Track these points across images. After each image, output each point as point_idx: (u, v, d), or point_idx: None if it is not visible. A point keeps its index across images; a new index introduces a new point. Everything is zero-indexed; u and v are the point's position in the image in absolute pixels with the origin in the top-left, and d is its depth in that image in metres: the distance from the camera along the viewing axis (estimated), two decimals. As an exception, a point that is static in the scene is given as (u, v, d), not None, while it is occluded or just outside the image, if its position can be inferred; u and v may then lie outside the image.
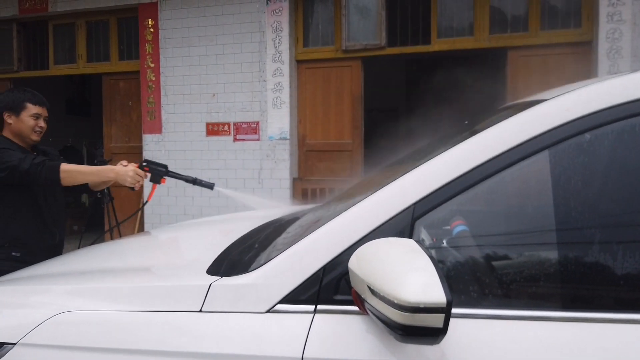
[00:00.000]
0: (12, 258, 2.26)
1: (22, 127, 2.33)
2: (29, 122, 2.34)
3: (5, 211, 2.26)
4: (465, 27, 4.84)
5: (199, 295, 1.25)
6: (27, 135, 2.36)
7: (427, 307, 0.89)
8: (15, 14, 5.84)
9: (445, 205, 1.19)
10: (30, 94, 2.43)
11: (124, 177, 2.22)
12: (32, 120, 2.35)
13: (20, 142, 2.36)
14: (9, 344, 1.31)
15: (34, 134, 2.37)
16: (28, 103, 2.36)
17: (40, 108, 2.40)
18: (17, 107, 2.34)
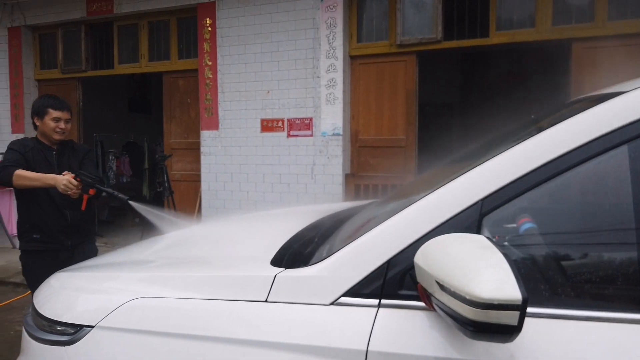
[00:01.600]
0: (33, 239, 2.72)
1: (46, 129, 2.75)
2: (50, 124, 2.74)
3: (24, 201, 2.74)
4: (526, 19, 4.65)
5: (264, 285, 1.28)
6: (50, 135, 2.76)
7: (501, 304, 0.87)
8: (83, 15, 6.17)
9: (515, 202, 1.16)
10: (53, 100, 2.81)
11: (59, 184, 2.48)
12: (52, 122, 2.74)
13: (46, 140, 2.80)
14: (88, 327, 1.40)
15: (56, 134, 2.76)
16: (50, 108, 2.75)
17: (61, 112, 2.77)
18: (42, 112, 2.75)
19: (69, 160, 2.84)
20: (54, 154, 2.79)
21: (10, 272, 5.54)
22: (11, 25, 6.53)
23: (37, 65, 6.75)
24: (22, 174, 2.53)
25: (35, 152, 2.72)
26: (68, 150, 2.87)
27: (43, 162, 2.72)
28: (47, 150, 2.77)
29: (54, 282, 1.69)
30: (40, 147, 2.76)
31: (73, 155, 2.89)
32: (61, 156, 2.81)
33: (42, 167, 2.69)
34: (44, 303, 1.59)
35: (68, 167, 2.77)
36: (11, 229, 6.68)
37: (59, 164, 2.77)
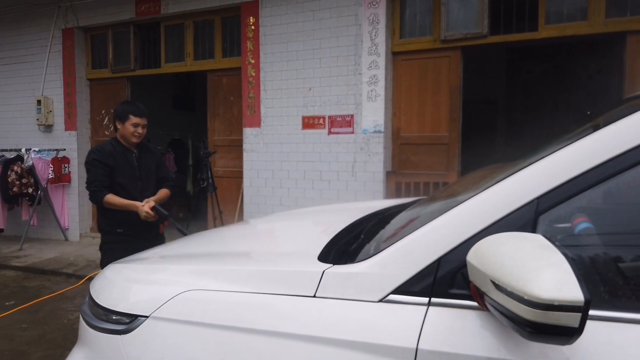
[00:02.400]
0: (117, 234, 3.04)
1: (126, 133, 3.03)
2: (130, 129, 3.02)
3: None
4: (577, 11, 4.46)
5: (312, 281, 1.29)
6: (128, 138, 3.04)
7: (561, 305, 0.85)
8: (132, 16, 6.38)
9: (573, 201, 1.12)
10: (134, 107, 3.10)
11: (141, 213, 2.88)
12: (132, 127, 3.01)
13: (125, 142, 3.07)
14: (142, 317, 1.45)
15: (134, 138, 3.04)
16: (131, 115, 3.02)
17: (139, 119, 3.04)
18: (124, 117, 3.02)
19: (147, 162, 3.16)
20: (134, 156, 3.08)
21: (63, 263, 5.81)
22: (65, 27, 6.83)
23: (89, 65, 7.04)
24: (110, 201, 2.91)
25: (116, 155, 3.00)
26: (145, 153, 3.17)
27: (125, 165, 3.03)
28: (128, 153, 3.06)
29: (109, 273, 1.75)
30: (121, 150, 3.04)
31: (150, 157, 3.20)
32: (140, 159, 3.12)
33: (125, 169, 3.02)
34: (100, 293, 1.65)
35: (147, 168, 3.13)
36: (63, 222, 7.01)
37: (139, 166, 3.10)
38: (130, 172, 3.04)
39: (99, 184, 2.92)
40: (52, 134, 7.09)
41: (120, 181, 3.00)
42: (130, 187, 3.02)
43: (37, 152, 6.73)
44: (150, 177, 3.17)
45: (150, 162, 3.18)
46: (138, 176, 3.09)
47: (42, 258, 6.07)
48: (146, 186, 3.12)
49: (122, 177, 3.00)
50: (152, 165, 3.19)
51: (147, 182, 3.14)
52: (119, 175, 2.99)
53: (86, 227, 7.21)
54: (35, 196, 6.67)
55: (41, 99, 6.92)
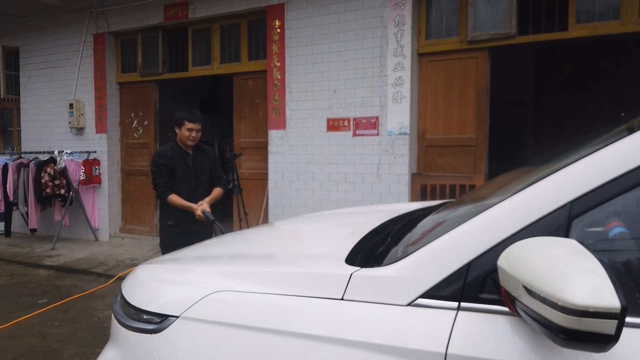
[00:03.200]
0: (169, 225, 3.50)
1: (182, 137, 3.48)
2: (185, 133, 3.46)
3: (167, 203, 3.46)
4: (609, 10, 4.35)
5: (340, 283, 1.29)
6: (185, 142, 3.49)
7: (597, 312, 0.83)
8: (161, 21, 6.51)
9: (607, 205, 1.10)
10: (189, 113, 3.53)
11: (196, 213, 3.35)
12: (187, 132, 3.46)
13: (183, 145, 3.52)
14: (172, 317, 1.47)
15: (189, 141, 3.49)
16: (186, 121, 3.46)
17: (194, 124, 3.47)
18: (180, 123, 3.47)
19: (201, 162, 3.59)
20: (190, 158, 3.53)
21: (94, 262, 5.96)
22: (96, 32, 7.02)
23: (119, 69, 7.21)
24: (172, 200, 3.39)
25: (176, 158, 3.47)
26: (199, 154, 3.60)
27: (182, 166, 3.49)
28: (185, 156, 3.52)
29: (140, 273, 1.79)
30: (180, 153, 3.51)
31: (204, 157, 3.62)
32: (195, 159, 3.56)
33: (182, 170, 3.48)
34: (132, 292, 1.69)
35: (200, 168, 3.57)
36: (94, 223, 7.19)
37: (194, 167, 3.54)
38: (186, 173, 3.49)
39: (163, 184, 3.41)
40: (84, 136, 7.29)
41: (177, 180, 3.45)
42: (185, 185, 3.47)
43: (69, 154, 6.92)
44: (203, 177, 3.59)
45: (204, 163, 3.61)
46: (192, 176, 3.53)
47: (73, 257, 6.24)
48: (198, 185, 3.55)
49: (179, 177, 3.46)
50: (206, 165, 3.62)
51: (199, 181, 3.56)
52: (176, 175, 3.46)
53: (115, 228, 7.38)
54: (67, 197, 6.86)
55: (73, 102, 7.12)
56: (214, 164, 3.70)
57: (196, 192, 3.48)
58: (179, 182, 3.46)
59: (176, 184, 3.44)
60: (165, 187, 3.40)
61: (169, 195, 3.39)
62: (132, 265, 5.68)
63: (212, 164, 3.67)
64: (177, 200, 3.39)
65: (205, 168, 3.60)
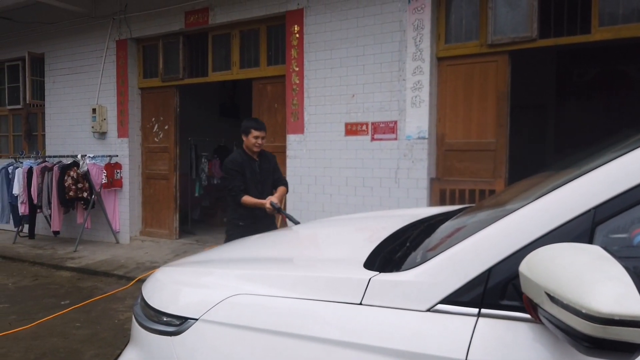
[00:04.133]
0: (239, 226, 3.76)
1: (249, 144, 3.81)
2: (252, 140, 3.78)
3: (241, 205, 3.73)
4: (634, 12, 4.26)
5: (359, 288, 1.29)
6: (251, 148, 3.81)
7: (622, 320, 0.81)
8: (182, 27, 6.61)
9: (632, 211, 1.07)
10: (255, 122, 3.88)
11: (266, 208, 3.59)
12: (253, 139, 3.78)
13: (249, 151, 3.84)
14: (192, 319, 1.48)
15: (255, 147, 3.80)
16: (252, 129, 3.78)
17: (259, 132, 3.78)
18: (247, 131, 3.80)
19: (266, 167, 3.91)
20: (256, 163, 3.85)
21: (115, 265, 6.05)
22: (119, 38, 7.16)
23: (141, 74, 7.33)
24: (246, 201, 3.65)
25: (245, 164, 3.77)
26: (264, 159, 3.92)
27: (250, 171, 3.79)
28: (252, 162, 3.83)
29: (160, 276, 1.81)
30: (247, 159, 3.81)
31: (267, 162, 3.93)
32: (261, 164, 3.88)
33: (251, 174, 3.78)
34: (152, 295, 1.71)
35: (266, 172, 3.89)
36: (115, 226, 7.30)
37: (260, 171, 3.86)
38: (253, 177, 3.79)
39: (237, 189, 3.68)
40: (106, 140, 7.42)
41: (245, 184, 3.74)
42: (253, 189, 3.75)
43: (91, 158, 7.06)
44: (267, 180, 3.92)
45: (268, 167, 3.92)
46: (259, 180, 3.84)
47: (95, 260, 6.34)
48: (265, 187, 3.87)
49: (248, 181, 3.76)
50: (269, 169, 3.93)
51: (265, 184, 3.89)
52: (245, 179, 3.74)
53: (136, 231, 7.48)
54: (89, 200, 6.99)
55: (96, 107, 7.26)
56: (275, 167, 4.01)
57: (263, 195, 3.77)
58: (248, 185, 3.75)
59: (250, 188, 3.74)
60: (239, 190, 3.67)
61: (242, 197, 3.65)
62: (152, 267, 5.75)
63: (274, 167, 3.99)
64: (250, 199, 3.65)
65: (269, 172, 3.92)
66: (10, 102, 8.79)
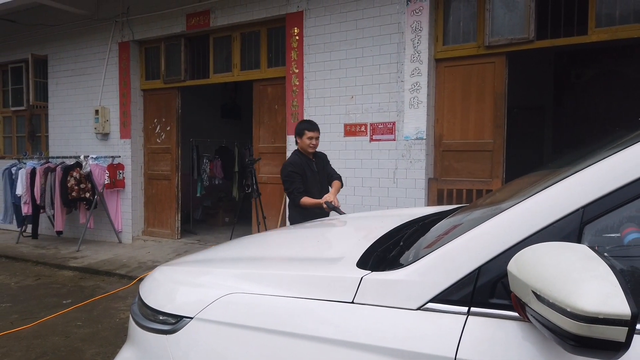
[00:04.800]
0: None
1: (303, 145, 3.92)
2: (306, 142, 3.90)
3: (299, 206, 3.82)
4: (631, 13, 4.27)
5: (351, 287, 1.30)
6: (306, 149, 3.93)
7: (607, 319, 0.82)
8: (183, 30, 6.64)
9: (620, 210, 1.09)
10: (308, 124, 3.98)
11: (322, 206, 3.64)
12: (307, 140, 3.90)
13: (305, 153, 3.96)
14: (187, 318, 1.50)
15: (309, 148, 3.92)
16: (306, 130, 3.90)
17: (313, 132, 3.90)
18: (301, 133, 3.92)
19: (322, 166, 4.04)
20: (314, 163, 3.98)
21: (117, 264, 6.08)
22: (121, 40, 7.19)
23: (143, 76, 7.37)
24: (304, 202, 3.75)
25: (303, 165, 3.88)
26: (318, 159, 4.04)
27: (310, 172, 3.90)
28: (309, 162, 3.96)
29: (158, 275, 1.83)
30: (305, 160, 3.94)
31: (322, 161, 4.06)
32: (317, 165, 4.01)
33: (311, 175, 3.90)
34: (149, 294, 1.73)
35: (322, 171, 4.02)
36: (117, 226, 7.33)
37: (318, 171, 3.98)
38: (313, 177, 3.91)
39: (296, 191, 3.78)
40: (108, 141, 7.46)
41: (306, 184, 3.84)
42: (313, 188, 3.87)
43: (94, 159, 7.09)
44: (324, 179, 4.03)
45: (322, 166, 4.03)
46: (318, 180, 3.96)
47: (97, 259, 6.37)
48: (323, 186, 3.97)
49: (308, 181, 3.86)
50: (323, 168, 4.04)
51: (322, 183, 3.99)
52: (306, 180, 3.84)
53: (138, 231, 7.51)
54: (92, 200, 7.02)
55: (99, 108, 7.29)
56: (328, 166, 4.13)
57: (322, 194, 3.86)
58: (309, 186, 3.85)
59: (307, 188, 3.83)
60: (298, 192, 3.77)
61: (302, 199, 3.74)
62: (153, 267, 5.78)
63: (327, 166, 4.11)
64: (308, 200, 3.74)
65: (324, 171, 4.04)
66: (14, 104, 8.84)
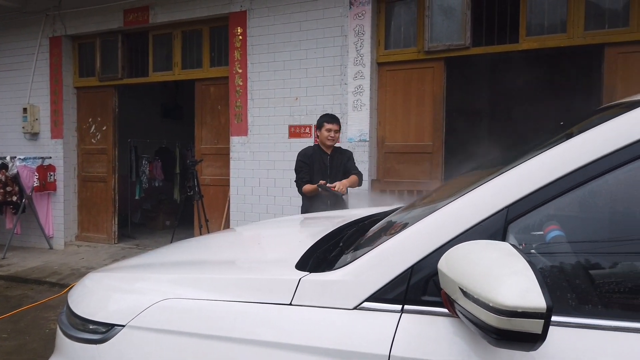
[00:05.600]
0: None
1: (322, 138, 3.94)
2: (324, 134, 3.91)
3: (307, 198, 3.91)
4: (557, 24, 4.56)
5: (289, 289, 1.30)
6: (324, 142, 3.94)
7: (525, 312, 0.87)
8: (120, 26, 6.38)
9: (541, 209, 1.15)
10: (327, 116, 4.01)
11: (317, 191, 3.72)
12: (326, 132, 3.90)
13: (323, 146, 3.97)
14: (119, 326, 1.44)
15: (327, 141, 3.92)
16: (325, 122, 3.92)
17: (332, 125, 3.91)
18: (320, 125, 3.96)
19: (338, 161, 3.97)
20: (328, 157, 3.94)
21: (47, 272, 5.74)
22: (53, 35, 6.81)
23: (76, 73, 7.01)
24: (306, 189, 3.81)
25: (315, 157, 3.90)
26: (337, 154, 4.00)
27: (321, 164, 3.90)
28: (324, 155, 3.94)
29: (88, 282, 1.75)
30: (319, 153, 3.94)
31: (341, 158, 3.99)
32: (332, 159, 3.96)
33: (320, 167, 3.88)
34: (78, 302, 1.64)
35: (337, 167, 3.94)
36: (48, 231, 6.94)
37: (331, 165, 3.94)
38: (323, 171, 3.88)
39: (300, 179, 3.86)
40: (38, 142, 7.03)
41: (314, 177, 3.84)
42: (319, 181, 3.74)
43: (22, 160, 6.67)
44: (338, 175, 3.92)
45: (339, 162, 3.97)
46: (328, 174, 3.88)
47: (25, 267, 5.99)
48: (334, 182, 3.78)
49: (316, 174, 3.86)
50: (341, 164, 3.96)
51: (334, 179, 3.84)
52: (314, 172, 3.86)
53: (71, 236, 7.14)
54: (19, 204, 6.60)
55: (27, 107, 6.87)
56: (349, 162, 4.03)
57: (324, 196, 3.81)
58: (316, 178, 3.82)
59: (314, 180, 3.81)
60: (302, 180, 3.84)
61: (303, 187, 3.82)
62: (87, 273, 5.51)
63: (348, 162, 4.01)
64: (309, 186, 3.78)
65: (340, 169, 3.96)
66: None
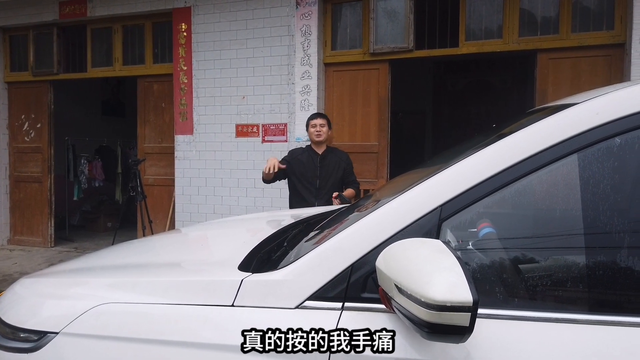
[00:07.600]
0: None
1: (310, 136, 3.81)
2: (311, 130, 3.77)
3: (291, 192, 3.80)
4: (494, 30, 4.79)
5: (231, 290, 1.30)
6: (312, 139, 3.79)
7: (453, 306, 0.91)
8: (55, 18, 6.07)
9: (473, 207, 1.21)
10: (312, 114, 3.94)
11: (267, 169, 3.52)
12: (312, 128, 3.76)
13: (313, 145, 3.80)
14: (52, 333, 1.38)
15: (314, 137, 3.75)
16: (310, 120, 3.81)
17: (315, 120, 3.77)
18: (307, 125, 3.83)
19: (329, 163, 3.77)
20: (318, 158, 3.76)
21: (-25, 279, 5.38)
22: (-21, 26, 6.39)
23: (7, 67, 6.62)
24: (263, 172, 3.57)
25: (302, 156, 3.74)
26: (330, 155, 3.80)
27: (310, 164, 3.71)
28: (314, 155, 3.77)
29: (19, 288, 1.66)
30: (307, 153, 3.77)
31: (335, 159, 3.79)
32: (323, 160, 3.76)
33: (308, 167, 3.70)
34: (8, 310, 1.56)
35: (328, 168, 3.73)
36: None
37: (321, 165, 3.74)
38: (312, 171, 3.70)
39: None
40: (-36, 140, 6.58)
41: (301, 177, 3.69)
42: (307, 183, 3.68)
43: (-55, 160, 6.21)
44: (329, 178, 3.74)
45: (333, 164, 3.77)
46: (317, 175, 3.72)
47: (-50, 274, 5.59)
48: (324, 184, 3.71)
49: (303, 174, 3.68)
50: (335, 167, 3.78)
51: (325, 181, 3.72)
52: (299, 171, 3.68)
53: (3, 239, 6.73)
54: (-57, 207, 6.15)
55: (-49, 102, 6.41)
56: (347, 167, 3.86)
57: (320, 191, 3.68)
58: (303, 178, 3.69)
59: (300, 180, 3.69)
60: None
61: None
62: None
63: (346, 167, 3.83)
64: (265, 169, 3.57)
65: (334, 169, 3.77)
66: None
